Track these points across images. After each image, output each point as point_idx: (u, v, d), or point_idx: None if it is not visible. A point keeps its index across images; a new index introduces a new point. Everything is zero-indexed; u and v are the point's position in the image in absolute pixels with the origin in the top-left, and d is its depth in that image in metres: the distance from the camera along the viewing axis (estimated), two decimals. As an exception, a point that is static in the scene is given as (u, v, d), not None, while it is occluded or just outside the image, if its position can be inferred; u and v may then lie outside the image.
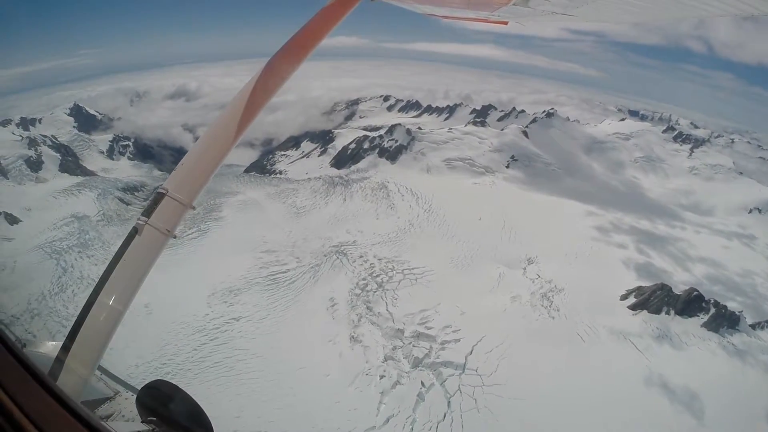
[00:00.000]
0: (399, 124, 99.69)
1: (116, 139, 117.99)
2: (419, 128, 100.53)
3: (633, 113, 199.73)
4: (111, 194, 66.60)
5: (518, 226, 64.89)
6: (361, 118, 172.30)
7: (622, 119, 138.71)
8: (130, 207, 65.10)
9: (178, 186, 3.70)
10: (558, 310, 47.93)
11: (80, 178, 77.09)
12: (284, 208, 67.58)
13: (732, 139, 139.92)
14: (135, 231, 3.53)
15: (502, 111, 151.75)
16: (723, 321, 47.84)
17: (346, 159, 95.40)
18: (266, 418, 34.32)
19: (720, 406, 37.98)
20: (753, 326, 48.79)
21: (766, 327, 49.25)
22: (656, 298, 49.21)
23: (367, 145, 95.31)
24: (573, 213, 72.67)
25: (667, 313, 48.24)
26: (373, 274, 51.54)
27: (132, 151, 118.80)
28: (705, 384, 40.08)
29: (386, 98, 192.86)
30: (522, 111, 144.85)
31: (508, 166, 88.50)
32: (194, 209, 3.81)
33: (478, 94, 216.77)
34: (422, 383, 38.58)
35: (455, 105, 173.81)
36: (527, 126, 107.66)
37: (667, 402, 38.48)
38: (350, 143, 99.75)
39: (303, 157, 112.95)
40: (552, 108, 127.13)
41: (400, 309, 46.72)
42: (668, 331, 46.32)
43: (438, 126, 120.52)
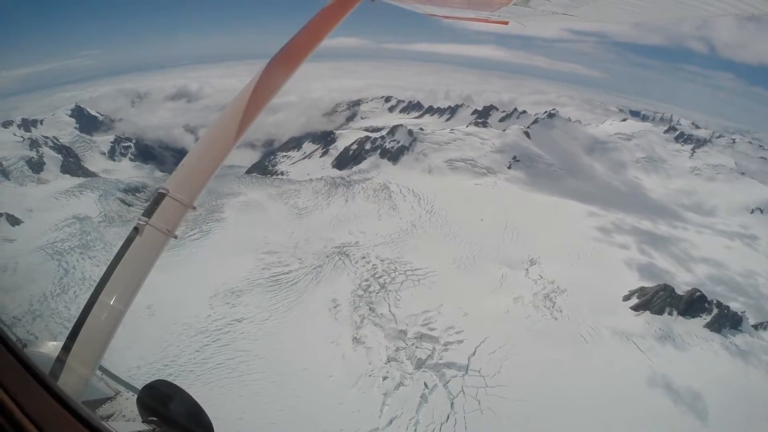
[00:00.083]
0: (401, 125, 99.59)
1: (118, 140, 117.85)
2: (421, 129, 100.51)
3: (634, 113, 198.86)
4: (112, 195, 66.64)
5: (520, 227, 64.85)
6: (363, 119, 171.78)
7: (624, 119, 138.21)
8: (132, 208, 65.13)
9: (179, 186, 3.70)
10: (561, 311, 47.93)
11: (82, 179, 77.19)
12: (286, 209, 67.61)
13: (733, 140, 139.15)
14: (136, 231, 3.53)
15: (504, 112, 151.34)
16: (726, 321, 47.80)
17: (348, 160, 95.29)
18: (269, 420, 34.32)
19: (723, 407, 37.95)
20: (755, 327, 48.71)
21: (769, 327, 49.24)
22: (659, 299, 49.17)
23: (369, 146, 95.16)
24: (575, 213, 72.60)
25: (670, 314, 48.20)
26: (376, 275, 51.53)
27: (133, 152, 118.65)
28: (708, 385, 40.06)
29: (387, 99, 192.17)
30: (523, 112, 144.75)
31: (510, 167, 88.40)
32: (195, 209, 3.80)
33: (480, 95, 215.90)
34: (425, 384, 38.57)
35: (457, 106, 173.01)
36: (529, 126, 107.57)
37: (671, 403, 38.46)
38: (352, 144, 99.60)
39: (305, 158, 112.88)
40: (553, 108, 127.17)
41: (403, 310, 46.72)
42: (671, 332, 46.29)
43: (439, 127, 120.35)
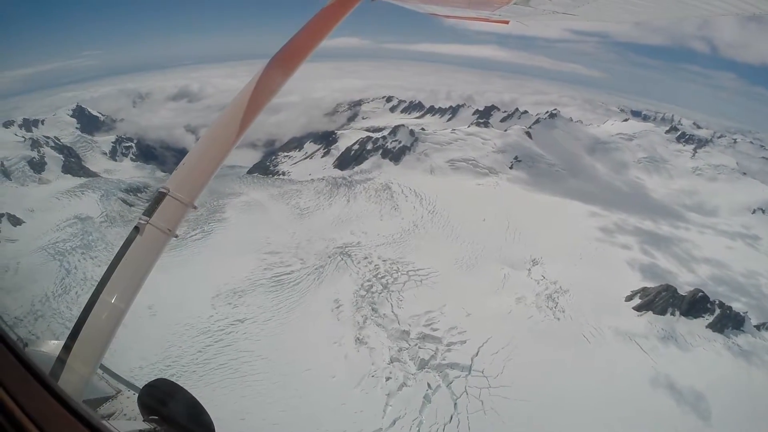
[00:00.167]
0: (402, 125, 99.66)
1: (119, 141, 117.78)
2: (422, 129, 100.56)
3: (635, 113, 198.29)
4: (114, 195, 66.78)
5: (522, 227, 64.81)
6: (364, 119, 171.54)
7: (625, 120, 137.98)
8: (133, 208, 65.22)
9: (180, 185, 3.70)
10: (563, 311, 47.90)
11: (83, 180, 77.32)
12: (288, 210, 67.68)
13: (735, 139, 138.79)
14: (136, 230, 3.52)
15: (505, 112, 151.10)
16: (728, 322, 47.78)
17: (350, 160, 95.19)
18: (271, 420, 34.36)
19: (726, 407, 37.90)
20: (758, 327, 48.64)
21: (772, 327, 49.16)
22: (661, 299, 49.13)
23: (371, 146, 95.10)
24: (577, 214, 72.52)
25: (672, 314, 48.16)
26: (378, 276, 51.54)
27: (135, 153, 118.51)
28: (710, 385, 40.03)
29: (389, 99, 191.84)
30: (525, 112, 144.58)
31: (512, 167, 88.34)
32: (196, 209, 3.80)
33: (481, 95, 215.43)
34: (428, 385, 38.61)
35: (458, 106, 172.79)
36: (530, 127, 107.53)
37: (673, 403, 38.43)
38: (353, 144, 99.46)
39: (306, 158, 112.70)
40: (555, 109, 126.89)
41: (406, 310, 46.74)
42: (673, 332, 46.25)
43: (441, 127, 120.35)
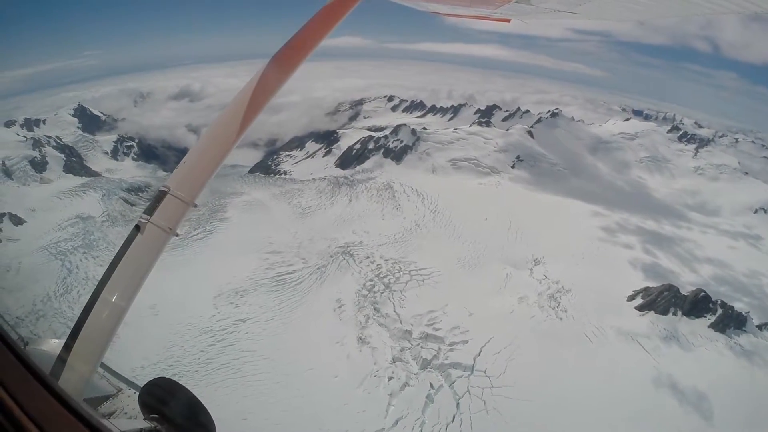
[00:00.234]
0: (404, 125, 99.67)
1: (120, 140, 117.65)
2: (424, 128, 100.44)
3: (637, 113, 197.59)
4: (115, 195, 66.90)
5: (524, 227, 64.74)
6: (366, 119, 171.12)
7: (627, 119, 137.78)
8: (135, 207, 65.29)
9: (180, 184, 3.69)
10: (565, 311, 47.86)
11: (85, 179, 77.51)
12: (289, 209, 67.72)
13: (736, 139, 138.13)
14: (137, 229, 3.52)
15: (507, 111, 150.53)
16: (730, 322, 47.70)
17: (351, 159, 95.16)
18: (273, 420, 34.38)
19: (728, 407, 37.84)
20: (760, 327, 48.56)
21: (774, 327, 49.05)
22: (663, 299, 49.06)
23: (372, 146, 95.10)
24: (579, 213, 72.41)
25: (675, 314, 48.10)
26: (380, 275, 51.55)
27: (136, 152, 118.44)
28: (713, 384, 39.95)
29: (390, 98, 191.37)
30: (527, 111, 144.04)
31: (514, 167, 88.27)
32: (197, 207, 3.80)
33: (482, 94, 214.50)
34: (431, 385, 38.63)
35: (459, 105, 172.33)
36: (532, 126, 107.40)
37: (676, 402, 38.39)
38: (355, 143, 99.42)
39: (308, 158, 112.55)
40: (557, 108, 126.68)
41: (408, 310, 46.74)
42: (676, 332, 46.18)
43: (443, 126, 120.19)
